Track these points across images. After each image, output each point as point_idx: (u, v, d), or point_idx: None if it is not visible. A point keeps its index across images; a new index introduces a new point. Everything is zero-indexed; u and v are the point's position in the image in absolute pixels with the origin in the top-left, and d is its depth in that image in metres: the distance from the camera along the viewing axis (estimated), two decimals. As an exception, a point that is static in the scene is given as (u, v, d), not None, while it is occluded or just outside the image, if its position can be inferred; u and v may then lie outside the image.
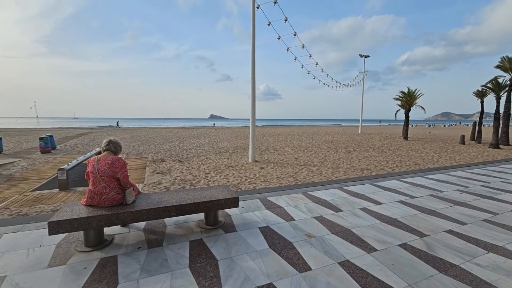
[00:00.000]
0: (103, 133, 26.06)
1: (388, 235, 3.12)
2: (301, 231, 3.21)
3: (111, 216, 2.57)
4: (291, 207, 4.03)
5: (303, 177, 6.95)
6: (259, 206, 4.08)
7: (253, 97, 9.18)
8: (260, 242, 2.90)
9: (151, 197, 3.12)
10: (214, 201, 3.03)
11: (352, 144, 15.64)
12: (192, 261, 2.50)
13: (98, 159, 2.76)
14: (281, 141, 17.63)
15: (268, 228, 3.27)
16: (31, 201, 5.18)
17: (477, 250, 2.81)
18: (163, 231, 3.13)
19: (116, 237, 2.94)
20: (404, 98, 19.93)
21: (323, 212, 3.86)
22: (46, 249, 2.67)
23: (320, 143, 15.89)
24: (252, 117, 9.33)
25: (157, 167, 8.39)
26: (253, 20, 8.66)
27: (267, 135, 23.48)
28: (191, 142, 16.56)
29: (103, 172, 2.68)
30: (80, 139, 18.84)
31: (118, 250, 2.68)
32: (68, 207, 2.69)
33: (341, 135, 22.97)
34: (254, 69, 8.99)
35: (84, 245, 2.69)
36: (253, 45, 8.81)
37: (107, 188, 2.69)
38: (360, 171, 7.84)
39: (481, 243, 2.97)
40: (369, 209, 4.01)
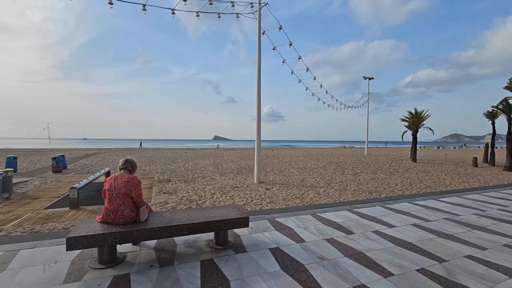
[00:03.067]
0: (111, 153, 26.51)
1: (404, 260, 3.05)
2: (312, 253, 3.17)
3: (125, 233, 2.61)
4: (301, 229, 4.00)
5: (309, 199, 6.90)
6: (268, 227, 4.06)
7: (258, 119, 9.42)
8: (271, 264, 2.87)
9: (163, 215, 3.17)
10: (225, 220, 3.05)
11: (358, 165, 15.54)
12: (204, 281, 2.48)
13: (115, 177, 2.87)
14: (285, 162, 17.64)
15: (279, 250, 3.24)
16: (43, 219, 5.24)
17: (499, 276, 2.72)
18: (174, 250, 3.13)
19: (128, 255, 2.95)
20: (411, 119, 19.94)
21: (334, 234, 3.82)
22: (62, 266, 2.70)
23: (325, 165, 15.84)
24: (258, 139, 9.49)
25: (163, 187, 8.45)
26: (258, 45, 9.16)
27: (271, 156, 23.54)
28: (196, 163, 16.69)
29: (119, 190, 2.78)
30: (89, 159, 19.20)
31: (130, 268, 2.68)
32: (85, 224, 2.76)
33: (346, 157, 22.88)
34: (259, 92, 9.32)
35: (97, 262, 2.71)
36: (259, 69, 9.22)
37: (122, 205, 2.76)
38: (368, 193, 7.75)
39: (502, 269, 2.88)
40: (382, 232, 3.94)
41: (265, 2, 8.95)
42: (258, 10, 8.97)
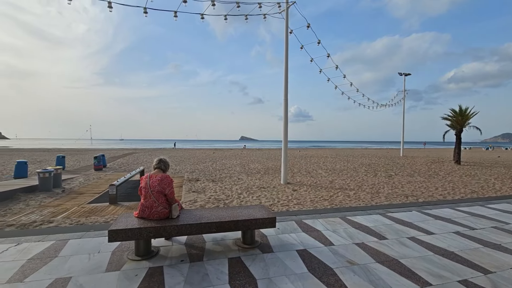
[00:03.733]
0: (145, 153, 28.25)
1: (444, 269, 2.81)
2: (341, 257, 3.06)
3: (159, 228, 2.78)
4: (329, 231, 3.89)
5: (339, 201, 6.67)
6: (295, 228, 4.01)
7: (285, 119, 9.34)
8: (298, 265, 2.84)
9: (193, 213, 3.30)
10: (252, 219, 3.09)
11: (393, 167, 14.63)
12: (232, 278, 2.54)
13: (150, 175, 3.06)
14: (313, 163, 17.26)
15: (306, 252, 3.18)
16: (87, 213, 5.79)
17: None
18: (203, 247, 3.25)
19: (162, 249, 3.13)
20: (454, 118, 18.20)
21: (365, 239, 3.65)
22: (104, 255, 2.96)
23: (356, 166, 15.17)
24: (285, 139, 9.42)
25: (192, 186, 8.79)
26: (286, 44, 9.09)
27: (298, 157, 23.20)
28: (223, 163, 17.08)
29: (154, 187, 2.96)
30: (126, 159, 20.69)
31: (163, 261, 2.84)
32: (123, 218, 2.99)
33: (379, 158, 21.68)
34: (286, 91, 9.25)
35: (134, 254, 2.91)
36: (286, 69, 9.15)
37: (156, 202, 2.94)
38: (404, 197, 7.27)
39: (562, 286, 2.51)
40: (418, 239, 3.67)
41: (292, 1, 8.87)
42: (286, 9, 8.92)
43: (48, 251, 3.06)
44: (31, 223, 4.78)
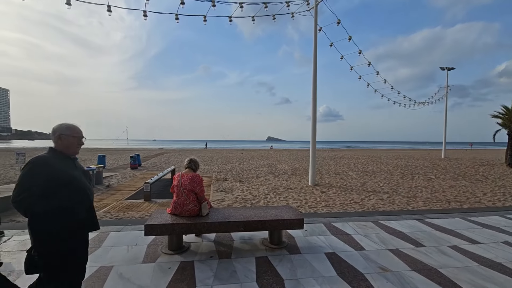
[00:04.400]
0: (175, 153, 29.61)
1: (490, 282, 2.54)
2: (373, 263, 2.92)
3: (190, 225, 2.91)
4: (360, 236, 3.73)
5: (371, 205, 6.36)
6: (324, 230, 3.91)
7: (313, 119, 9.15)
8: (327, 268, 2.77)
9: (221, 211, 3.40)
10: (279, 220, 3.09)
11: (433, 170, 13.52)
12: (259, 276, 2.57)
13: (181, 174, 3.23)
14: (343, 164, 16.64)
15: (335, 255, 3.10)
16: (125, 208, 6.25)
17: None
18: (231, 245, 3.33)
19: (192, 245, 3.28)
20: (507, 115, 16.26)
21: (399, 245, 3.44)
22: (140, 248, 3.19)
23: (390, 168, 14.30)
24: (313, 139, 9.23)
25: (220, 186, 9.02)
26: (315, 43, 8.90)
27: (327, 158, 22.53)
28: (250, 163, 17.24)
29: (185, 186, 3.11)
30: (158, 158, 21.90)
31: (194, 256, 2.98)
32: (157, 214, 3.19)
33: (417, 160, 20.15)
34: (315, 90, 9.06)
35: (167, 248, 3.10)
36: (315, 68, 8.96)
37: (187, 200, 3.08)
38: (445, 202, 6.68)
39: None
40: (461, 248, 3.36)
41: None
42: (315, 6, 8.75)
43: (93, 242, 3.38)
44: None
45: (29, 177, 1.59)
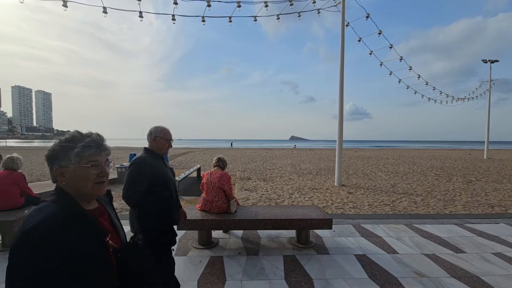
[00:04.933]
0: (200, 152, 30.47)
1: (544, 295, 2.30)
2: (407, 267, 2.78)
3: (219, 221, 3.01)
4: (392, 239, 3.57)
5: (402, 208, 6.03)
6: (353, 232, 3.80)
7: (340, 117, 8.89)
8: (357, 270, 2.70)
9: (248, 209, 3.46)
10: (307, 219, 3.07)
11: (473, 172, 12.43)
12: (287, 274, 2.58)
13: (211, 172, 3.34)
14: (371, 165, 15.94)
15: (366, 257, 3.00)
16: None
17: None
18: (258, 242, 3.37)
19: (220, 241, 3.38)
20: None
21: (436, 250, 3.23)
22: (172, 242, 3.36)
23: (424, 169, 13.41)
24: (339, 138, 8.97)
25: (244, 184, 9.12)
26: (342, 39, 8.64)
27: (354, 158, 21.73)
28: (273, 163, 17.20)
29: (214, 183, 3.21)
30: (184, 157, 22.70)
31: (223, 252, 3.07)
32: (188, 210, 3.32)
33: (455, 160, 18.66)
34: (342, 88, 8.79)
35: (197, 243, 3.23)
36: (342, 66, 8.70)
37: (217, 197, 3.18)
38: (488, 207, 6.12)
39: None
40: (507, 255, 3.07)
41: (348, -7, 8.38)
42: (342, 1, 8.48)
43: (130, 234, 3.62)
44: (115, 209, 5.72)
45: (135, 175, 1.82)
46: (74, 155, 0.87)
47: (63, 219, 0.82)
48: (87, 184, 0.90)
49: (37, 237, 0.74)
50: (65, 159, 0.88)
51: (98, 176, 0.92)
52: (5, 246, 3.11)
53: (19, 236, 0.74)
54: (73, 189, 0.90)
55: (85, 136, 0.93)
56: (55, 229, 0.78)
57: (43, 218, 0.78)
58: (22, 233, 0.74)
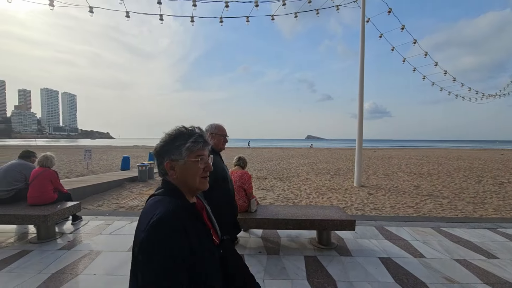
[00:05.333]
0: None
1: None
2: (436, 272, 2.65)
3: (240, 220, 3.02)
4: (418, 242, 3.41)
5: (427, 210, 5.75)
6: (376, 234, 3.68)
7: (360, 115, 8.64)
8: (382, 273, 2.61)
9: (269, 208, 3.45)
10: (329, 220, 3.01)
11: (505, 173, 11.63)
12: (310, 275, 2.54)
13: (231, 172, 3.36)
14: (393, 165, 15.37)
15: (391, 260, 2.89)
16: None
17: None
18: (278, 242, 3.36)
19: (240, 240, 3.40)
20: None
21: (467, 256, 3.06)
22: (194, 239, 3.42)
23: (450, 170, 12.73)
24: (359, 138, 8.72)
25: (261, 184, 9.11)
26: (362, 35, 8.38)
27: (373, 157, 21.07)
28: (290, 162, 17.07)
29: (235, 182, 3.23)
30: (203, 156, 23.07)
31: (243, 250, 3.08)
32: (209, 208, 3.38)
33: (485, 161, 17.55)
34: (362, 86, 8.54)
35: (218, 241, 3.26)
36: (362, 62, 8.45)
37: (237, 196, 3.20)
38: (523, 210, 5.70)
39: None
40: (548, 264, 2.84)
41: (367, -12, 8.12)
42: (362, -4, 8.24)
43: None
44: (136, 207, 5.92)
45: None
46: (185, 149, 0.91)
47: (182, 211, 0.85)
48: (195, 178, 0.94)
49: (170, 225, 0.77)
50: (177, 153, 0.91)
51: (204, 170, 0.96)
52: (41, 238, 3.32)
53: (153, 225, 0.76)
54: (181, 182, 0.93)
55: (192, 132, 0.96)
56: (180, 219, 0.81)
57: (168, 209, 0.81)
58: (157, 222, 0.77)
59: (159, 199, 0.88)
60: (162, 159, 0.94)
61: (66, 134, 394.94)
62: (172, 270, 0.74)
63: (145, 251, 0.74)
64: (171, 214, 0.79)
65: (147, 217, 0.80)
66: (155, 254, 0.74)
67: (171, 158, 0.91)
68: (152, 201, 0.90)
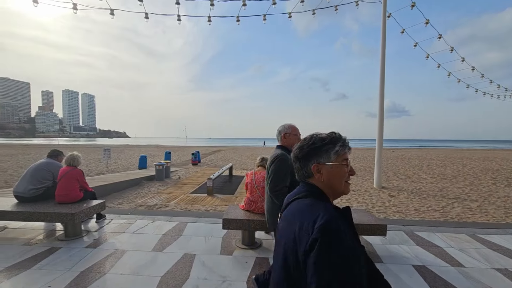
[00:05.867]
0: (230, 151, 30.98)
1: None
2: (477, 283, 2.46)
3: (265, 222, 2.94)
4: (454, 249, 3.20)
5: (456, 214, 5.44)
6: (406, 240, 3.49)
7: (380, 114, 8.33)
8: (417, 282, 2.45)
9: (291, 210, 3.34)
10: (358, 224, 2.87)
11: (536, 176, 10.89)
12: (340, 283, 2.42)
13: (255, 172, 3.29)
14: (414, 166, 14.79)
15: (426, 269, 2.71)
16: (191, 201, 6.74)
17: None
18: (303, 245, 3.24)
19: (264, 242, 3.32)
20: None
21: (508, 265, 2.83)
22: (216, 240, 3.38)
23: (477, 172, 12.07)
24: (379, 137, 8.42)
25: (279, 184, 8.98)
26: (383, 30, 8.08)
27: (392, 158, 20.38)
28: (306, 162, 16.77)
29: (259, 183, 3.16)
30: (214, 156, 23.22)
31: (268, 253, 3.00)
32: (232, 210, 3.32)
33: None
34: (383, 84, 8.23)
35: (241, 243, 3.20)
36: (383, 58, 8.14)
37: (261, 197, 3.13)
38: None
39: None
40: None
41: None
42: (384, -9, 7.94)
43: (175, 230, 3.73)
44: (154, 205, 5.97)
45: (283, 170, 1.90)
46: (334, 153, 0.93)
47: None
48: (341, 182, 0.95)
49: (340, 228, 0.77)
50: (325, 156, 0.93)
51: (348, 174, 0.97)
52: (68, 236, 3.39)
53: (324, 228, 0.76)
54: (327, 186, 0.95)
55: (340, 136, 0.98)
56: (343, 222, 0.81)
57: (331, 213, 0.82)
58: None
59: (310, 202, 0.89)
60: (307, 162, 0.95)
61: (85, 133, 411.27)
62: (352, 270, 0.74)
63: (322, 253, 0.74)
64: (337, 217, 0.80)
65: (306, 220, 0.81)
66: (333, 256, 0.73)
67: (319, 161, 0.93)
68: (300, 204, 0.91)
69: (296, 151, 1.00)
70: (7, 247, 3.10)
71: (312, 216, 0.81)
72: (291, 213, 0.91)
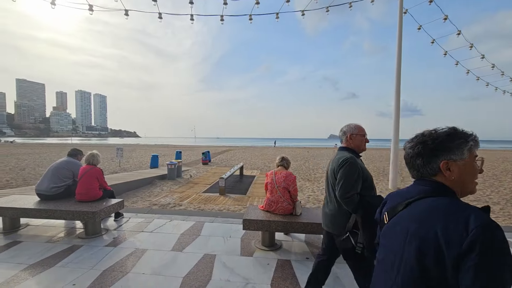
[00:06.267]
0: (239, 151, 31.00)
1: None
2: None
3: (286, 223, 2.89)
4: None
5: (478, 217, 5.22)
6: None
7: (396, 112, 8.12)
8: None
9: (311, 211, 3.28)
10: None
11: (561, 178, 10.40)
12: (368, 287, 2.34)
13: (275, 172, 3.23)
14: (427, 167, 14.36)
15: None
16: (204, 200, 6.73)
17: None
18: (324, 248, 3.16)
19: (284, 243, 3.26)
20: None
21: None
22: (235, 240, 3.34)
23: (497, 173, 11.64)
24: (395, 137, 8.22)
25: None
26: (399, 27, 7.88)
27: (404, 158, 19.88)
28: (316, 162, 16.65)
29: (280, 183, 3.10)
30: (224, 155, 23.28)
31: (289, 255, 2.94)
32: (252, 210, 3.27)
33: (531, 164, 15.90)
34: (399, 81, 8.03)
35: (261, 244, 3.15)
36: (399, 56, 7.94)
37: (282, 198, 3.07)
38: None
39: None
40: None
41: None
42: (400, -13, 7.74)
43: (193, 230, 3.71)
44: (167, 204, 5.98)
45: (353, 175, 1.77)
46: (467, 149, 0.87)
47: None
48: (473, 180, 0.90)
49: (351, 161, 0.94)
50: (458, 152, 0.87)
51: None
52: (88, 234, 3.42)
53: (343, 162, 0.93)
54: (457, 184, 0.88)
55: (468, 131, 0.91)
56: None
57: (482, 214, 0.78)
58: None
59: (449, 201, 0.82)
60: (435, 158, 0.89)
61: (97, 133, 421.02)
62: None
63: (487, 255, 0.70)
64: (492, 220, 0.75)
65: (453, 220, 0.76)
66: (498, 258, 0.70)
67: (450, 158, 0.86)
68: (435, 203, 0.84)
69: (418, 146, 0.92)
70: (31, 244, 3.15)
71: (461, 216, 0.76)
72: (422, 213, 0.84)
